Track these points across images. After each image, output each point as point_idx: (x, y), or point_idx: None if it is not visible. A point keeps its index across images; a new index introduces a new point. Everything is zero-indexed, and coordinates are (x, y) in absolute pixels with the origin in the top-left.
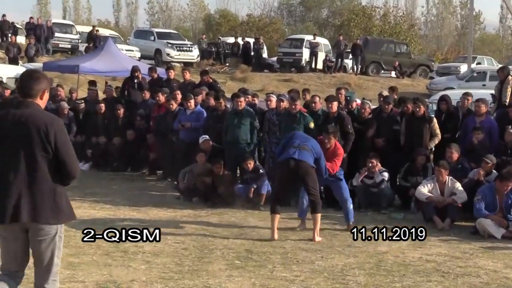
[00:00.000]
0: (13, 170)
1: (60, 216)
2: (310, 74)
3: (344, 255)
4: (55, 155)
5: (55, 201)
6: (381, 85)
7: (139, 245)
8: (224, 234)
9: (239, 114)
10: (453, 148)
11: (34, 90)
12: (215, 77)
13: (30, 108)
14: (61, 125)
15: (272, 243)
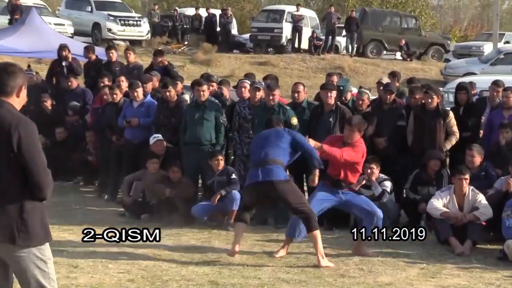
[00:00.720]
0: None
1: (30, 237)
2: (292, 56)
3: None
4: (20, 163)
5: (22, 219)
6: (383, 70)
7: (71, 275)
8: (181, 261)
9: (201, 107)
10: (474, 150)
11: (8, 87)
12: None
13: (1, 108)
14: (29, 128)
15: (244, 272)
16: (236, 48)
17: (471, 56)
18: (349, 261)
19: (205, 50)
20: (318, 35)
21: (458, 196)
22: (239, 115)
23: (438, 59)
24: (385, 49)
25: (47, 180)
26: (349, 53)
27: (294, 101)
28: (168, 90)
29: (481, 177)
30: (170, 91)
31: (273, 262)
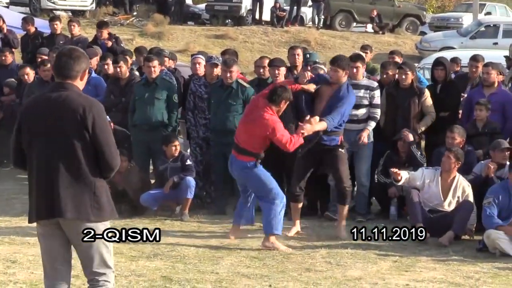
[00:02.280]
0: (50, 161)
1: (102, 213)
2: (253, 28)
3: (300, 284)
4: (93, 143)
5: (95, 195)
6: (353, 43)
7: (9, 271)
8: (131, 255)
9: (151, 85)
10: (455, 131)
11: (74, 71)
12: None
13: (67, 91)
14: (101, 110)
15: (200, 266)
16: (191, 19)
17: (449, 28)
18: (316, 253)
19: (156, 22)
20: (281, 6)
21: (444, 180)
22: (194, 94)
23: (413, 32)
24: (355, 21)
25: (117, 160)
26: (316, 25)
27: (259, 78)
28: (119, 65)
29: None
30: (121, 66)
31: (232, 256)
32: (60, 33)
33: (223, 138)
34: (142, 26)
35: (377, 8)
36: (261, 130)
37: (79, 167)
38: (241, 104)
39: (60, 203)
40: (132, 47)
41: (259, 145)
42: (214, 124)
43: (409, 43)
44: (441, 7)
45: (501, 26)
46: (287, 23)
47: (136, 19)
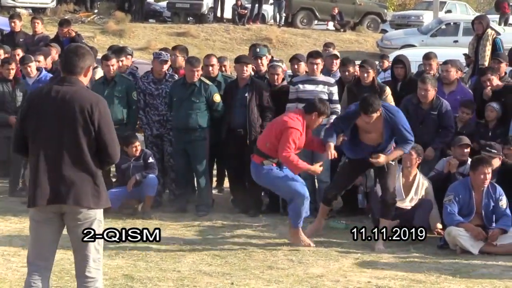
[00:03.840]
0: (54, 150)
1: (100, 201)
2: (214, 26)
3: (263, 282)
4: (97, 137)
5: (96, 185)
6: (314, 41)
7: None
8: None
9: (110, 83)
10: (428, 83)
11: (78, 67)
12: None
13: (75, 86)
14: (106, 106)
15: (162, 264)
16: (152, 17)
17: (410, 26)
18: (278, 251)
19: (117, 20)
20: (242, 3)
21: (406, 177)
22: (144, 92)
23: (374, 30)
24: (316, 18)
25: (119, 154)
26: (277, 23)
27: (208, 76)
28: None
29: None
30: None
31: (193, 254)
32: (20, 30)
33: (185, 136)
34: (103, 24)
35: (338, 6)
36: (276, 128)
37: (83, 158)
38: (204, 102)
39: (63, 190)
40: (93, 44)
41: (274, 147)
42: (176, 122)
43: (370, 41)
44: (402, 5)
45: (461, 24)
46: (249, 21)
47: (97, 16)
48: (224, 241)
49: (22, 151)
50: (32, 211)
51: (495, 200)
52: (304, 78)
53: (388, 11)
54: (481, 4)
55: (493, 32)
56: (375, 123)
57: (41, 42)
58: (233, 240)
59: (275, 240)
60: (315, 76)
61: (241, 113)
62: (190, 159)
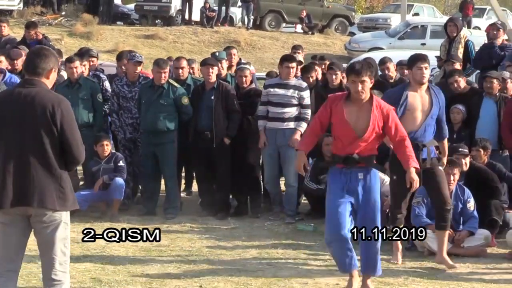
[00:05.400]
0: (18, 152)
1: (66, 203)
2: (182, 28)
3: (232, 284)
4: (60, 137)
5: (61, 187)
6: (283, 44)
7: None
8: None
9: (74, 85)
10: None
11: (39, 69)
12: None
13: (37, 87)
14: (68, 107)
15: (130, 268)
16: (120, 19)
17: (378, 29)
18: (246, 254)
19: (85, 22)
20: (210, 6)
21: None
22: (118, 95)
23: (342, 33)
24: (284, 21)
25: (83, 154)
26: (245, 25)
27: (178, 78)
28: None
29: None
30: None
31: (162, 257)
32: None
33: (153, 139)
34: (70, 26)
35: (306, 9)
36: None
37: (47, 160)
38: (172, 104)
39: (28, 192)
40: (61, 47)
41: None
42: (144, 124)
43: (338, 44)
44: (369, 8)
45: (428, 27)
46: (217, 23)
47: (65, 19)
48: (192, 244)
49: None
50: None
51: (463, 202)
52: (275, 82)
53: (356, 14)
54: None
55: (465, 34)
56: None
57: (8, 45)
58: (202, 243)
59: (244, 242)
60: (288, 80)
61: (207, 115)
62: (159, 161)
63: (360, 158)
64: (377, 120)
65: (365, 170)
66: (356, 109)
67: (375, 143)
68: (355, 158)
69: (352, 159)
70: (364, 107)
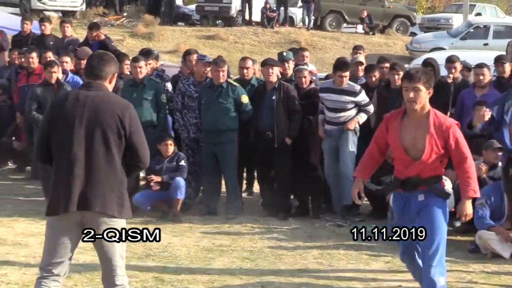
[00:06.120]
0: (84, 155)
1: (124, 210)
2: (243, 29)
3: (293, 285)
4: (128, 141)
5: (121, 193)
6: (343, 44)
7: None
8: None
9: (139, 85)
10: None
11: (103, 72)
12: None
13: (102, 91)
14: (134, 111)
15: (192, 267)
16: (181, 20)
17: (439, 29)
18: (308, 254)
19: (146, 23)
20: (271, 6)
21: None
22: (183, 94)
23: (403, 33)
24: (345, 21)
25: (149, 158)
26: (306, 26)
27: (242, 78)
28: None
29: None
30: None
31: (223, 256)
32: (50, 34)
33: (214, 139)
34: (132, 27)
35: (367, 9)
36: None
37: (112, 164)
38: (232, 103)
39: (90, 196)
40: (123, 47)
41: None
42: (205, 124)
43: (400, 44)
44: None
45: (491, 27)
46: (276, 24)
47: (127, 19)
48: (254, 244)
49: (45, 160)
50: (50, 218)
51: None
52: (328, 86)
53: (417, 14)
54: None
55: None
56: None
57: (71, 46)
58: (263, 243)
59: (305, 243)
60: (340, 86)
61: (268, 116)
62: (219, 161)
63: (421, 180)
64: (435, 139)
65: (428, 192)
66: (413, 127)
67: (438, 162)
68: (414, 181)
69: (411, 181)
70: (421, 124)
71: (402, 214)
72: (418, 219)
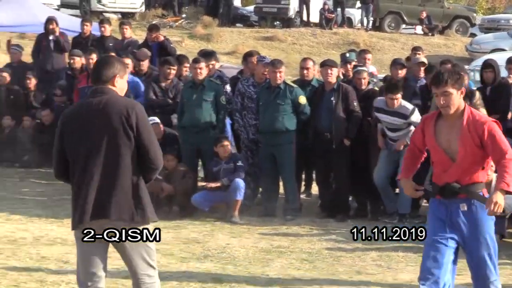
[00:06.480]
0: (94, 163)
1: (145, 214)
2: (301, 30)
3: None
4: (137, 142)
5: (139, 197)
6: (402, 45)
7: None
8: (181, 257)
9: (199, 86)
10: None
11: (103, 76)
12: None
13: (107, 94)
14: (142, 110)
15: (250, 268)
16: (239, 21)
17: (500, 30)
18: (366, 256)
19: (205, 24)
20: (329, 7)
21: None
22: (243, 95)
23: (463, 34)
24: (404, 22)
25: (161, 159)
26: (364, 27)
27: (303, 79)
28: (171, 67)
29: None
30: (170, 69)
31: (282, 258)
32: (110, 35)
33: (272, 139)
34: (191, 28)
35: (426, 10)
36: None
37: (124, 169)
38: (289, 104)
39: (106, 204)
40: (181, 49)
41: None
42: (263, 125)
43: (459, 45)
44: (491, 9)
45: None
46: (334, 25)
47: (185, 21)
48: (312, 245)
49: (64, 175)
50: (75, 231)
51: None
52: (381, 106)
53: (477, 15)
54: None
55: None
56: None
57: (130, 47)
58: (321, 245)
59: (363, 245)
60: (392, 108)
61: (327, 117)
62: (277, 163)
63: (461, 187)
64: (469, 138)
65: (469, 201)
66: (448, 128)
67: (479, 168)
68: (454, 188)
69: (450, 188)
70: (456, 125)
71: (444, 222)
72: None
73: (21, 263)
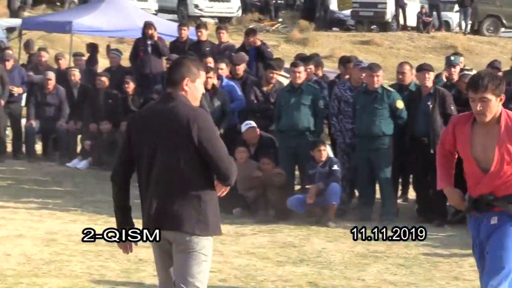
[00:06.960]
0: (156, 172)
1: (207, 227)
2: (398, 34)
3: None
4: (203, 154)
5: (201, 209)
6: (501, 49)
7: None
8: (277, 260)
9: (297, 90)
10: None
11: (172, 78)
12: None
13: (172, 102)
14: (206, 120)
15: (346, 273)
16: (336, 25)
17: None
18: (464, 262)
19: (301, 28)
20: (427, 11)
21: None
22: (339, 99)
23: None
24: (503, 26)
25: (233, 168)
26: (462, 30)
27: (400, 83)
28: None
29: None
30: (273, 74)
31: (378, 263)
32: (206, 40)
33: (368, 144)
34: (287, 32)
35: None
36: None
37: (184, 179)
38: (386, 108)
39: (163, 215)
40: (278, 53)
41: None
42: (359, 129)
43: None
44: None
45: None
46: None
47: (282, 25)
48: (409, 250)
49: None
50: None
51: None
52: None
53: None
54: None
55: None
56: None
57: (227, 51)
58: (418, 250)
59: (461, 250)
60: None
61: (424, 121)
62: (374, 167)
63: (496, 199)
64: (506, 145)
65: (504, 214)
66: (483, 134)
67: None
68: (488, 199)
69: (483, 200)
70: (491, 130)
71: (474, 240)
72: (487, 244)
73: (120, 265)
